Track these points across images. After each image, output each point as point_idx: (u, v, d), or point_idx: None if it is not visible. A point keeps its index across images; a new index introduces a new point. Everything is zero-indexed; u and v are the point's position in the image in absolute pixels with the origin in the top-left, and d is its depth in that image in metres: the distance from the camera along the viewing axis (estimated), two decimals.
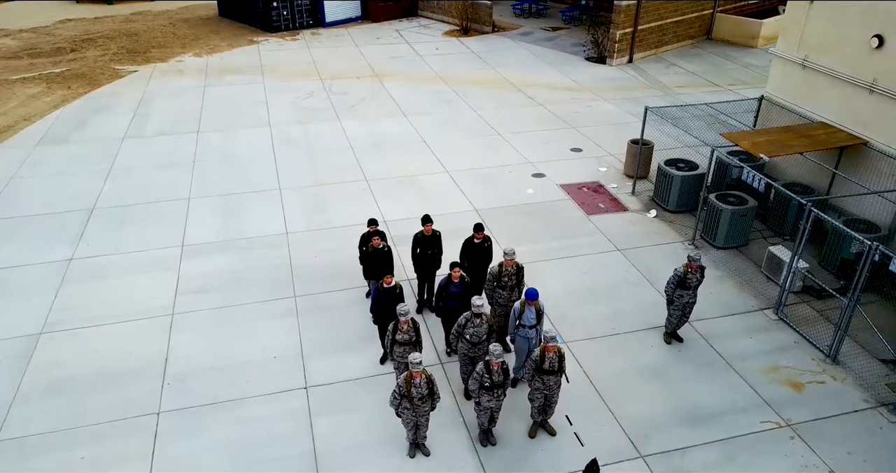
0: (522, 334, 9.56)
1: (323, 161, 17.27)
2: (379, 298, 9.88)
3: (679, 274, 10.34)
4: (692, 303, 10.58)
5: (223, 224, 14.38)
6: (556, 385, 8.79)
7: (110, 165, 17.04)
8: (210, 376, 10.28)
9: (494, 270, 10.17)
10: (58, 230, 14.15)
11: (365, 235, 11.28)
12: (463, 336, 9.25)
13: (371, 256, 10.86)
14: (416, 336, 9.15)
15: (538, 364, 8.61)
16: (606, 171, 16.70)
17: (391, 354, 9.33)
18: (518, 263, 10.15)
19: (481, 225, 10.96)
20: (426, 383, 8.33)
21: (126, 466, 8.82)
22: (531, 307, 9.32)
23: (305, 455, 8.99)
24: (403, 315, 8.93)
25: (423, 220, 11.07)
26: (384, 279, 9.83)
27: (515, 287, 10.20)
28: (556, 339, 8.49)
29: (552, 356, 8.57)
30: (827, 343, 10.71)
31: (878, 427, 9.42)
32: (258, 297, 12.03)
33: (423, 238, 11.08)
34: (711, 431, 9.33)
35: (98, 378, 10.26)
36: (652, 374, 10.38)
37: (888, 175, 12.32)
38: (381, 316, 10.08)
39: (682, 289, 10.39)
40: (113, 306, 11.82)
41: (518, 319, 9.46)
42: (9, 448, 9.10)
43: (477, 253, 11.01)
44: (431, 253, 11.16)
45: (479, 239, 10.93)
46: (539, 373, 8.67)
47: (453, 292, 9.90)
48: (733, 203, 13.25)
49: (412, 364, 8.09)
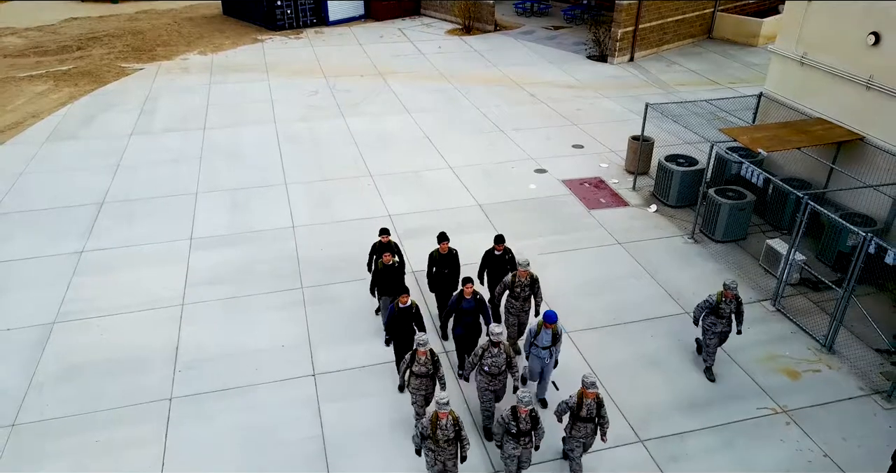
0: (535, 353, 9.21)
1: (328, 157, 17.52)
2: (394, 319, 9.37)
3: (711, 302, 9.73)
4: (727, 332, 9.96)
5: (230, 218, 14.63)
6: (592, 432, 8.12)
7: (118, 161, 17.29)
8: (220, 364, 10.53)
9: (507, 280, 9.90)
10: (68, 224, 14.40)
11: (376, 245, 10.82)
12: (481, 367, 8.68)
13: (382, 273, 10.33)
14: (435, 368, 8.59)
15: (575, 410, 7.92)
16: (608, 167, 16.93)
17: (408, 385, 8.78)
18: (533, 275, 9.86)
19: (502, 236, 10.54)
20: (453, 425, 7.64)
21: (140, 449, 9.06)
22: (548, 330, 8.96)
23: (314, 441, 9.22)
24: (422, 345, 8.32)
25: (439, 238, 10.48)
26: (400, 298, 9.25)
27: (528, 298, 9.99)
28: (596, 385, 7.80)
29: (590, 402, 7.87)
30: (823, 333, 10.94)
31: (872, 413, 9.65)
32: (266, 288, 12.27)
33: (440, 257, 10.52)
34: (709, 417, 9.57)
35: (110, 365, 10.50)
36: (652, 363, 10.61)
37: (884, 169, 12.55)
38: (396, 338, 9.64)
39: (714, 317, 9.77)
40: (124, 297, 12.06)
41: (533, 339, 9.16)
42: (25, 432, 9.35)
43: (497, 266, 10.61)
44: (448, 273, 10.60)
45: (500, 250, 10.52)
46: (576, 420, 7.99)
47: (465, 308, 9.52)
48: (732, 197, 13.48)
49: (439, 403, 7.46)
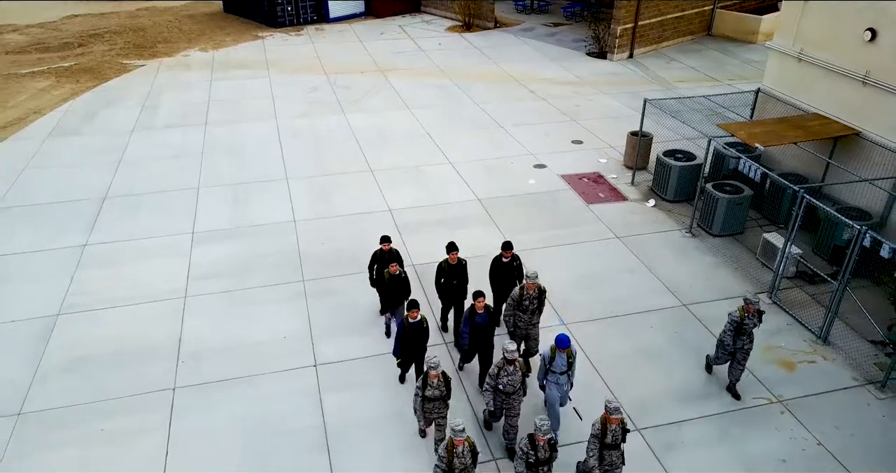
0: (553, 380, 8.84)
1: (328, 152, 17.64)
2: (405, 334, 9.13)
3: (735, 320, 9.32)
4: (748, 350, 9.56)
5: (232, 212, 14.76)
6: (619, 460, 7.85)
7: (120, 157, 17.41)
8: (223, 355, 10.66)
9: (515, 294, 9.53)
10: (71, 218, 14.53)
11: (377, 254, 10.55)
12: (497, 387, 8.42)
13: (389, 284, 10.08)
14: (447, 390, 8.29)
15: (600, 437, 7.65)
16: (606, 163, 17.06)
17: (420, 411, 8.42)
18: (541, 286, 9.56)
19: (510, 243, 10.32)
20: (470, 451, 7.40)
21: (144, 438, 9.20)
22: (562, 354, 8.62)
23: (316, 430, 9.36)
24: (434, 368, 8.01)
25: (447, 249, 10.15)
26: (410, 313, 9.01)
27: (536, 311, 9.65)
28: (620, 410, 7.49)
29: (615, 428, 7.61)
30: (818, 325, 11.08)
31: (865, 403, 9.78)
32: (267, 281, 12.40)
33: (449, 267, 10.21)
34: (705, 407, 9.71)
35: (114, 357, 10.63)
36: (649, 355, 10.74)
37: (880, 164, 12.68)
38: (407, 355, 9.44)
39: (737, 334, 9.42)
40: (127, 290, 12.19)
41: (548, 365, 8.76)
42: (31, 421, 9.48)
43: (505, 273, 10.43)
44: (457, 283, 10.32)
45: (508, 257, 10.28)
46: (601, 448, 7.70)
47: (479, 324, 9.26)
48: (730, 192, 13.61)
49: (455, 431, 7.15)
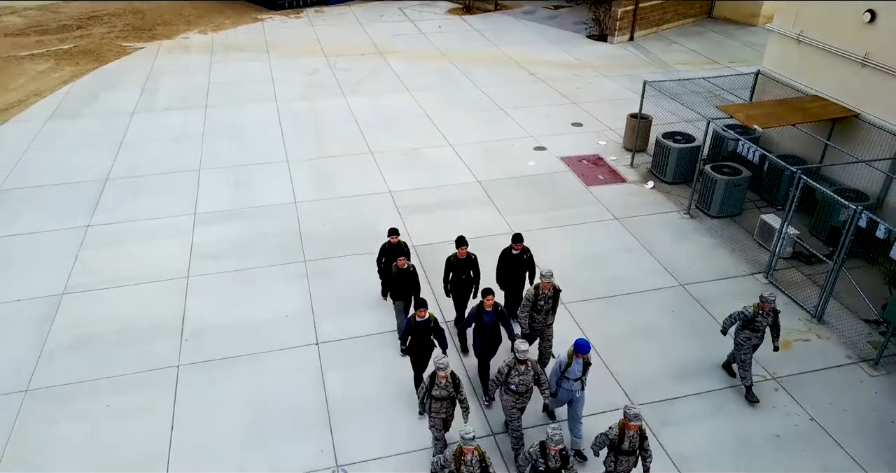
0: (566, 386, 8.47)
1: (329, 135, 17.69)
2: (412, 333, 8.90)
3: (747, 315, 9.10)
4: (757, 346, 9.39)
5: (233, 193, 14.86)
6: (633, 465, 7.59)
7: (121, 138, 17.47)
8: (226, 333, 10.81)
9: (530, 294, 9.23)
10: (74, 199, 14.62)
11: (385, 247, 10.37)
12: (508, 386, 8.18)
13: (396, 278, 9.93)
14: (456, 391, 8.05)
15: (616, 443, 7.41)
16: (606, 145, 17.12)
17: (427, 410, 8.25)
18: (556, 285, 9.27)
19: (520, 235, 10.02)
20: (478, 461, 7.03)
21: (149, 414, 9.37)
22: (579, 359, 8.26)
23: (318, 406, 9.52)
24: (442, 369, 7.81)
25: (457, 243, 9.93)
26: (417, 312, 8.77)
27: (551, 310, 9.40)
28: (640, 417, 7.22)
29: (633, 435, 7.31)
30: (814, 304, 11.21)
31: (858, 380, 9.95)
32: (269, 262, 12.52)
33: (458, 262, 9.95)
34: (701, 384, 9.87)
35: (119, 335, 10.78)
36: (646, 334, 10.88)
37: (878, 145, 12.74)
38: (413, 354, 9.22)
39: (749, 331, 9.17)
40: (130, 270, 12.32)
41: (563, 370, 8.40)
42: (39, 397, 9.65)
43: (515, 266, 10.17)
44: (466, 279, 10.07)
45: (518, 250, 9.99)
46: (617, 454, 7.47)
47: (486, 322, 9.02)
48: (728, 173, 13.69)
49: (464, 439, 6.86)
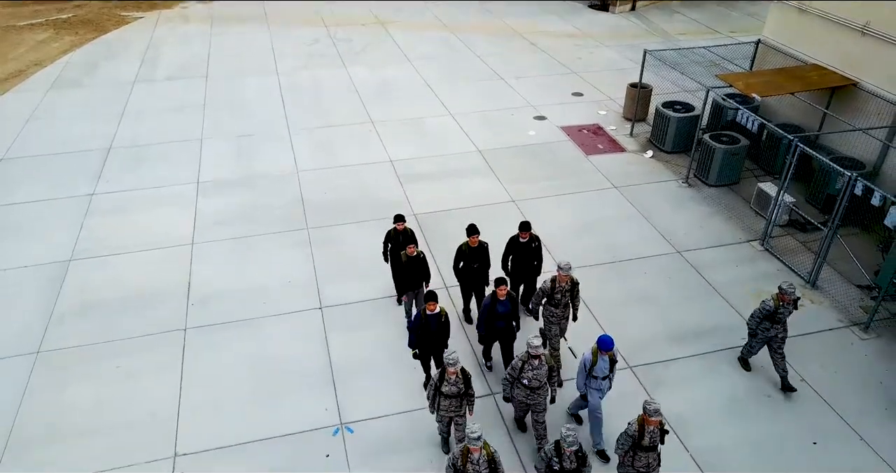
0: (595, 386, 8.22)
1: (330, 105, 17.73)
2: (422, 327, 8.59)
3: (768, 309, 8.94)
4: (783, 338, 9.15)
5: (235, 162, 14.97)
6: (655, 462, 7.36)
7: (123, 108, 17.52)
8: (231, 298, 11.02)
9: (546, 286, 8.98)
10: (77, 168, 14.75)
11: (391, 233, 10.16)
12: (520, 380, 8.01)
13: (406, 266, 9.66)
14: (466, 387, 7.81)
15: (636, 440, 7.21)
16: (606, 114, 17.18)
17: (437, 407, 8.01)
18: (573, 278, 9.02)
19: (528, 223, 9.74)
20: (486, 461, 6.82)
21: (158, 374, 9.63)
22: (605, 357, 8.07)
23: (322, 368, 9.77)
24: (452, 364, 7.56)
25: (468, 232, 9.67)
26: (427, 305, 8.43)
27: (569, 304, 9.17)
28: (660, 412, 7.06)
29: (653, 430, 7.14)
30: (808, 270, 11.42)
31: (849, 343, 10.19)
32: (272, 229, 12.69)
33: (469, 250, 9.70)
34: (695, 346, 10.11)
35: (126, 300, 11.00)
36: (643, 299, 11.10)
37: (875, 114, 12.82)
38: (426, 349, 8.92)
39: (768, 323, 9.06)
40: (136, 237, 12.50)
41: (589, 370, 8.15)
42: (50, 359, 9.90)
43: (522, 254, 9.95)
44: (478, 267, 9.83)
45: (525, 238, 9.74)
46: (637, 450, 7.28)
47: (500, 312, 8.85)
48: (726, 142, 13.78)
49: (470, 438, 6.65)
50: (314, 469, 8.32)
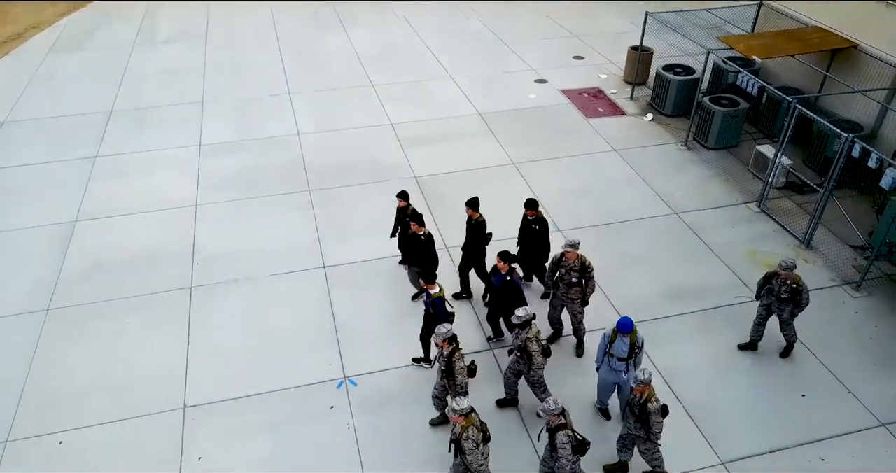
0: (612, 364, 8.09)
1: (330, 69, 17.69)
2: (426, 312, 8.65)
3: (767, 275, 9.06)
4: (785, 322, 9.12)
5: (237, 125, 15.03)
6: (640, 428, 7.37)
7: (123, 71, 17.50)
8: (235, 258, 11.21)
9: (556, 257, 9.04)
10: (79, 131, 14.82)
11: (401, 210, 10.00)
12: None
13: (409, 241, 9.57)
14: (447, 367, 7.68)
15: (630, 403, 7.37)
16: (606, 78, 17.16)
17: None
18: (584, 259, 8.83)
19: (533, 201, 9.60)
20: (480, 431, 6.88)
21: (166, 331, 9.86)
22: (624, 338, 7.87)
23: (326, 324, 10.00)
24: (439, 335, 7.55)
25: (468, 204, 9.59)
26: (427, 286, 8.47)
27: (577, 285, 8.95)
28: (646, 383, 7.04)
29: (634, 397, 7.25)
30: (803, 231, 11.58)
31: (841, 301, 10.41)
32: (275, 191, 12.83)
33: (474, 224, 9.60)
34: (690, 304, 10.33)
35: (132, 259, 11.19)
36: (640, 259, 11.28)
37: (876, 77, 12.83)
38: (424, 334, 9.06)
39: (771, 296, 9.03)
40: (139, 199, 12.64)
41: (607, 347, 8.06)
42: (60, 315, 10.14)
43: (527, 233, 9.87)
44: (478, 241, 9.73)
45: (532, 216, 9.62)
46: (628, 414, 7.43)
47: (494, 285, 9.00)
48: (726, 105, 13.82)
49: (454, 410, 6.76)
50: (319, 420, 8.61)
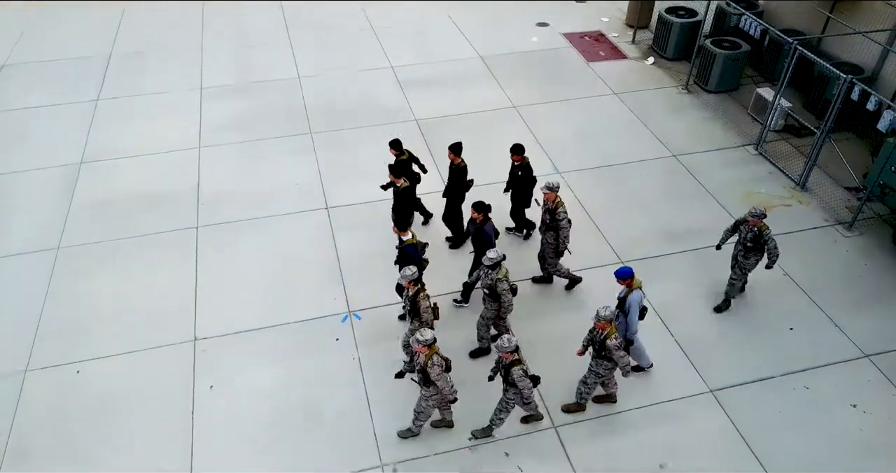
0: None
1: (328, 13, 17.47)
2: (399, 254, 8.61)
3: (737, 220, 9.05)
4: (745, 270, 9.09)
5: (237, 69, 15.01)
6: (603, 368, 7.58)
7: (120, 15, 17.32)
8: (240, 199, 11.41)
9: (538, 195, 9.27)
10: (80, 74, 14.80)
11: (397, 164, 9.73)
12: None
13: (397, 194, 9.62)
14: (412, 306, 7.76)
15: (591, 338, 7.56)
16: (608, 21, 17.01)
17: None
18: (558, 206, 8.75)
19: (518, 146, 9.66)
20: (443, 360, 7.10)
21: (175, 268, 10.14)
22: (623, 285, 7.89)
23: (330, 262, 10.28)
24: (405, 278, 7.62)
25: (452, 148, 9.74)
26: (401, 233, 8.50)
27: (552, 230, 8.96)
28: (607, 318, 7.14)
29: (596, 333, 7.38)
30: (798, 173, 11.74)
31: (833, 240, 10.66)
32: (277, 133, 12.93)
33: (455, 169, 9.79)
34: (686, 243, 10.58)
35: (138, 200, 11.40)
36: (636, 200, 11.48)
37: (879, 19, 12.73)
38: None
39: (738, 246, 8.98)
40: (143, 141, 12.75)
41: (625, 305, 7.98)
42: (71, 253, 10.41)
43: (512, 178, 9.96)
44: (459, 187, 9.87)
45: (517, 161, 9.70)
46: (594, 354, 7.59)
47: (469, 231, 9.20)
48: (728, 48, 13.77)
49: (417, 340, 6.92)
50: (325, 351, 8.97)
